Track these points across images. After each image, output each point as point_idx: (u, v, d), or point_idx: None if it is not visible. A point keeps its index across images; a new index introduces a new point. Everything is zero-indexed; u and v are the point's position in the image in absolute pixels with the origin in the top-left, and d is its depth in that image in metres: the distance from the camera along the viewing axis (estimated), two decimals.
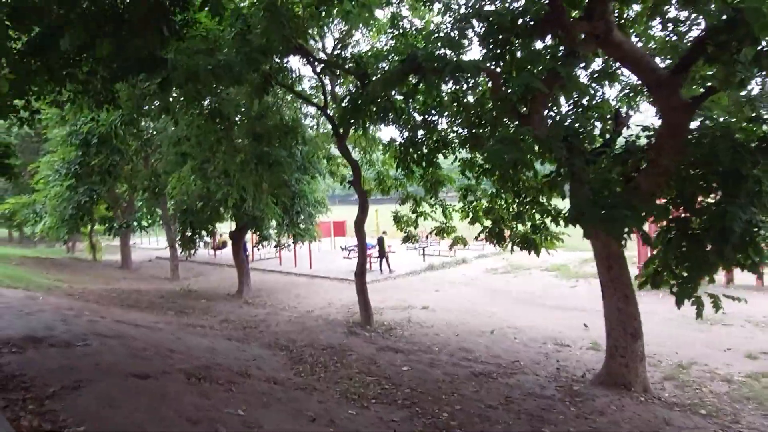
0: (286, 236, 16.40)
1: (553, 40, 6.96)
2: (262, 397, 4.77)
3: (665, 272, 5.91)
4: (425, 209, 11.08)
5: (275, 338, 8.57)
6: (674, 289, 5.58)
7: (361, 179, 11.20)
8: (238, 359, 6.48)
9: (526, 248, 8.40)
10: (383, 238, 18.58)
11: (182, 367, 5.31)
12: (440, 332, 10.17)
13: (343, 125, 9.72)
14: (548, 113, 7.35)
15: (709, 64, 5.69)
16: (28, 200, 23.16)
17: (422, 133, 9.18)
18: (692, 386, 6.97)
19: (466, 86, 8.08)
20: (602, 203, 5.31)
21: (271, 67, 8.81)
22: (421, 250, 20.90)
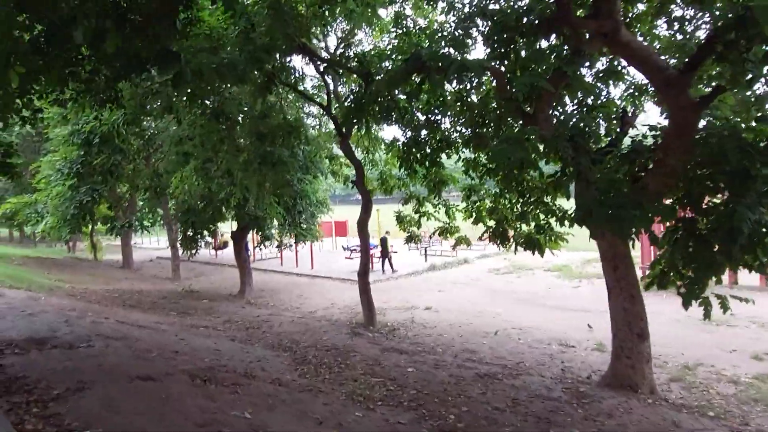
0: (288, 236, 16.36)
1: (558, 39, 6.92)
2: (267, 399, 4.73)
3: (672, 273, 5.87)
4: (428, 209, 11.04)
5: (279, 339, 8.53)
6: (681, 290, 5.54)
7: (364, 179, 11.15)
8: (242, 360, 6.44)
9: (530, 248, 8.35)
10: (386, 238, 18.53)
11: (186, 368, 5.27)
12: (444, 333, 10.13)
13: (346, 125, 9.68)
14: (553, 113, 7.31)
15: (718, 62, 5.66)
16: (29, 200, 23.11)
17: (425, 132, 9.12)
18: (699, 388, 6.92)
19: (470, 85, 8.03)
20: (609, 203, 5.28)
21: (274, 66, 8.77)
22: (422, 249, 20.86)
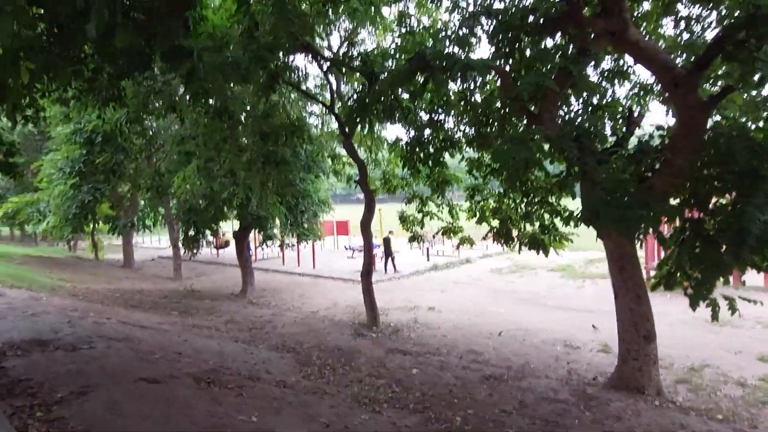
0: (290, 236, 16.33)
1: (563, 37, 6.86)
2: (273, 402, 4.68)
3: (679, 273, 5.82)
4: (431, 209, 10.99)
5: (282, 340, 8.48)
6: (689, 291, 5.49)
7: (367, 178, 11.10)
8: (246, 362, 6.40)
9: (534, 248, 8.31)
10: (389, 238, 18.47)
11: (190, 371, 5.22)
12: (447, 334, 10.07)
13: (349, 124, 9.62)
14: (558, 112, 7.25)
15: (727, 62, 5.60)
16: (31, 198, 23.10)
17: (429, 132, 9.07)
18: (706, 390, 6.86)
19: (474, 85, 7.98)
20: (616, 203, 5.23)
21: (277, 65, 8.72)
22: (425, 249, 20.80)
